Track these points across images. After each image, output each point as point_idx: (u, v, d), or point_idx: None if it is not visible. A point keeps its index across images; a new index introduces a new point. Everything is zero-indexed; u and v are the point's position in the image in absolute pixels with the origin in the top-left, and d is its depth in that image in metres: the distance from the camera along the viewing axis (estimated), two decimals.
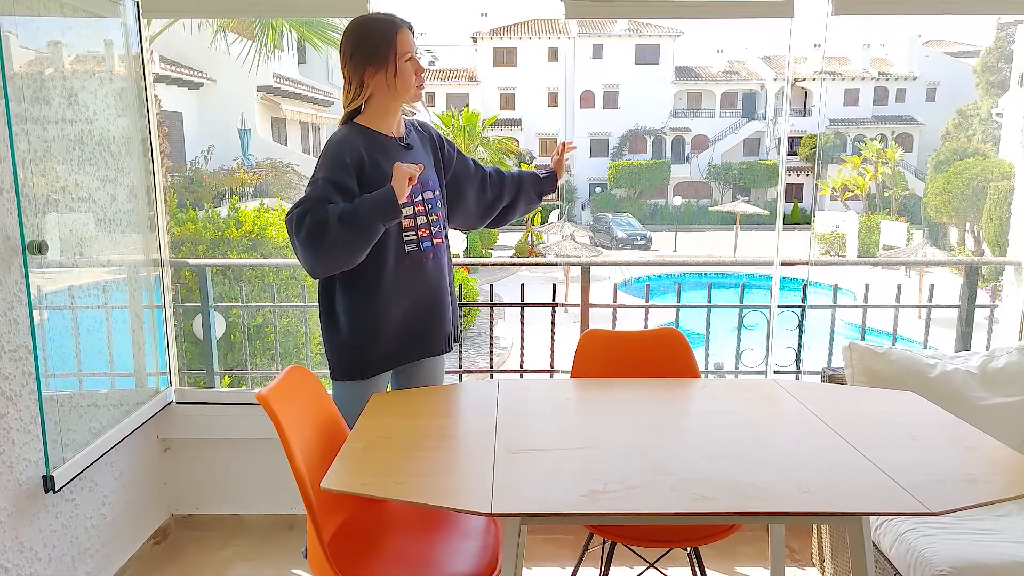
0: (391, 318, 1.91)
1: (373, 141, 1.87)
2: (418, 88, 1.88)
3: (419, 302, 1.95)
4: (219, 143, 12.85)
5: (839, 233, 22.52)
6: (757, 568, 2.43)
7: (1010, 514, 1.90)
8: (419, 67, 1.86)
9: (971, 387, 2.13)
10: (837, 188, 27.74)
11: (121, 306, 2.48)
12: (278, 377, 1.69)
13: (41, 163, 1.98)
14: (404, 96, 1.88)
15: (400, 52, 1.82)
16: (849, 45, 31.60)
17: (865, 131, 29.93)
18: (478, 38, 31.16)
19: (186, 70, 12.70)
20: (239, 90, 13.54)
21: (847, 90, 30.96)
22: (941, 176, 22.02)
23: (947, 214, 21.37)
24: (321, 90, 16.99)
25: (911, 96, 30.93)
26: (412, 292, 1.93)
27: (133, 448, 2.47)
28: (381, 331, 1.90)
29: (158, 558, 2.54)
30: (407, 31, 1.85)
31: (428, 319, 1.98)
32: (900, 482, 1.36)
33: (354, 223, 1.72)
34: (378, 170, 1.84)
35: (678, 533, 1.77)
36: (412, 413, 1.78)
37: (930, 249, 17.63)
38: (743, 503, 1.30)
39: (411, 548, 1.69)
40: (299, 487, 1.51)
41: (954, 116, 25.49)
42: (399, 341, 1.94)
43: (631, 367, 2.13)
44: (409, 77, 1.85)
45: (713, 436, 1.64)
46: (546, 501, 1.32)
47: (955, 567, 1.67)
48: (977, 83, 25.16)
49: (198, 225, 7.95)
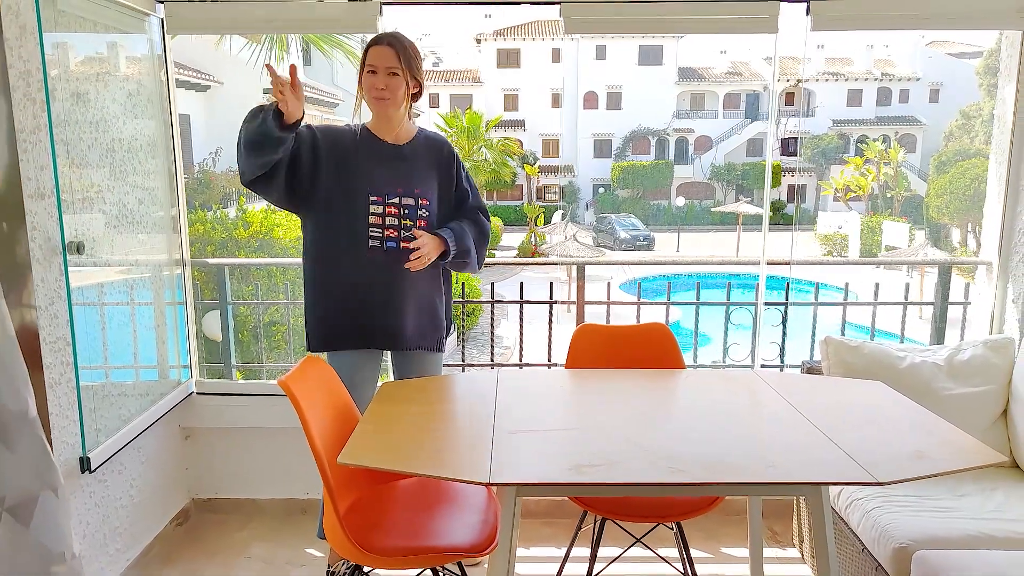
0: (340, 300, 2.17)
1: (362, 139, 2.16)
2: (376, 100, 2.10)
3: (369, 295, 2.16)
4: (226, 145, 13.04)
5: (841, 234, 22.64)
6: (739, 548, 2.59)
7: (969, 494, 2.06)
8: (380, 82, 2.08)
9: (938, 378, 2.28)
10: (840, 189, 27.85)
11: (146, 303, 2.65)
12: (296, 366, 1.86)
13: (78, 169, 2.16)
14: (371, 105, 2.13)
15: (367, 65, 2.09)
16: (853, 46, 31.69)
17: (868, 132, 30.03)
18: (481, 39, 31.35)
19: (194, 73, 12.89)
20: (246, 92, 13.72)
21: (850, 91, 31.06)
22: (943, 177, 22.11)
23: (949, 215, 21.47)
24: (326, 92, 17.17)
25: (914, 97, 31.01)
26: (366, 283, 2.16)
27: (157, 435, 2.64)
28: (330, 306, 2.18)
29: (180, 538, 2.71)
30: (382, 47, 2.08)
31: (383, 315, 2.18)
32: (856, 458, 1.52)
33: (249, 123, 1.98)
34: (343, 158, 2.12)
35: (662, 508, 1.93)
36: (418, 399, 1.95)
37: (931, 249, 17.72)
38: (713, 475, 1.46)
39: (417, 522, 1.85)
40: (317, 463, 1.68)
41: (957, 117, 25.56)
42: (352, 324, 2.18)
43: (621, 359, 2.30)
44: (368, 87, 2.10)
45: (693, 420, 1.80)
46: (538, 473, 1.49)
47: (914, 540, 1.83)
48: (980, 84, 25.23)
49: (207, 226, 8.15)
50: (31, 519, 0.70)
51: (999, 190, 2.67)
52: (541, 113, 31.36)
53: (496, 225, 22.55)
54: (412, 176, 2.18)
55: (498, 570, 1.59)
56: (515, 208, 28.70)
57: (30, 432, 0.70)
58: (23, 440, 0.69)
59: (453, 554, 1.71)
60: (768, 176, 3.20)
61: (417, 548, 1.72)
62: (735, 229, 24.65)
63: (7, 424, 0.67)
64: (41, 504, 0.71)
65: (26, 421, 0.70)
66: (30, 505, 0.70)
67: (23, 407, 0.70)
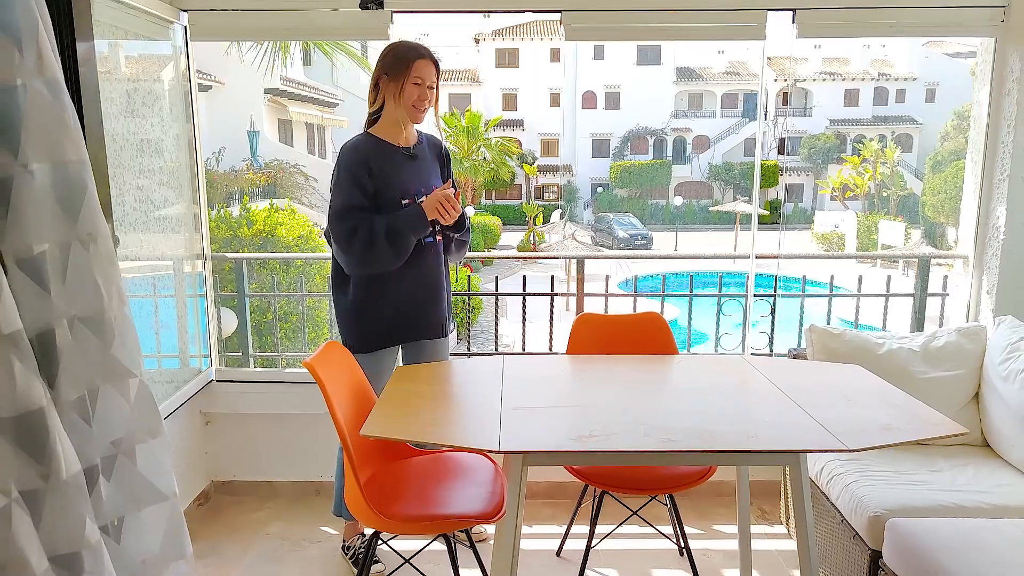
0: (392, 298, 2.29)
1: (380, 149, 2.26)
2: (414, 109, 2.23)
3: (419, 289, 2.32)
4: (229, 145, 13.19)
5: (838, 232, 22.83)
6: (729, 525, 2.74)
7: (942, 469, 2.22)
8: (424, 94, 2.22)
9: (914, 363, 2.44)
10: (836, 188, 28.03)
11: (168, 295, 2.81)
12: (318, 349, 2.01)
13: (112, 168, 2.31)
14: (403, 110, 2.24)
15: (411, 75, 2.20)
16: (850, 46, 31.86)
17: (865, 131, 30.21)
18: (480, 39, 31.50)
19: (196, 73, 13.03)
20: (248, 92, 13.87)
21: (847, 90, 31.24)
22: (938, 176, 22.30)
23: (944, 213, 21.65)
24: (326, 92, 17.32)
25: (911, 97, 31.19)
26: (414, 279, 2.30)
27: (180, 420, 2.80)
28: (383, 307, 2.28)
29: (202, 517, 2.86)
30: (428, 63, 2.22)
31: (425, 305, 2.35)
32: (830, 430, 1.68)
33: (395, 240, 2.16)
34: (380, 171, 2.23)
35: (657, 481, 2.09)
36: (430, 381, 2.10)
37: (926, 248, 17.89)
38: (702, 445, 1.62)
39: (430, 493, 2.01)
40: (340, 437, 1.83)
41: (951, 118, 25.73)
42: (398, 321, 2.31)
43: (618, 346, 2.45)
44: (411, 96, 2.21)
45: (685, 398, 1.96)
46: (542, 443, 1.64)
47: (888, 509, 1.99)
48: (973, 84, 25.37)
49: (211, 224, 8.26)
50: (138, 460, 0.87)
51: (975, 188, 2.83)
52: (540, 113, 31.52)
53: (495, 224, 22.71)
54: (427, 174, 2.35)
55: (507, 532, 1.74)
56: (514, 207, 28.87)
57: (142, 388, 0.86)
58: (136, 393, 0.85)
59: (464, 520, 1.87)
60: (757, 175, 3.36)
61: (431, 516, 1.87)
62: (733, 228, 24.83)
63: (123, 380, 0.83)
64: (148, 448, 0.88)
65: (136, 378, 0.86)
66: (138, 449, 0.86)
67: (135, 368, 0.86)
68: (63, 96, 0.78)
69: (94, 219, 0.79)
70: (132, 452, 0.86)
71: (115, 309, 0.82)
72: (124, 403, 0.83)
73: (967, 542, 1.79)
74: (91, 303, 0.79)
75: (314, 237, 9.73)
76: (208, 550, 2.63)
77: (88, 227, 0.79)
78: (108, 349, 0.81)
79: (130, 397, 0.84)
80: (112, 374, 0.82)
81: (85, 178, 0.79)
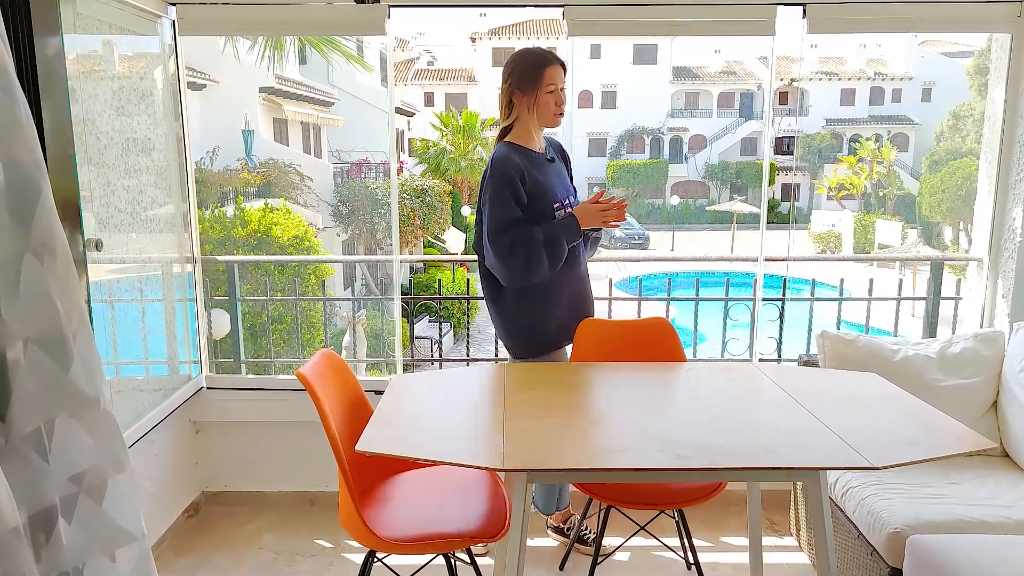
0: (561, 299, 2.30)
1: (526, 156, 2.26)
2: (556, 115, 2.25)
3: (580, 287, 2.36)
4: (223, 144, 13.06)
5: (835, 232, 22.79)
6: (739, 537, 2.66)
7: (961, 482, 2.14)
8: (560, 99, 2.23)
9: (930, 370, 2.36)
10: (833, 187, 28.00)
11: (156, 299, 2.71)
12: (312, 359, 1.92)
13: (95, 168, 2.21)
14: (542, 120, 2.26)
15: (544, 84, 2.20)
16: (846, 46, 31.84)
17: (861, 131, 30.18)
18: (477, 38, 31.38)
19: (190, 71, 12.90)
20: (242, 91, 13.74)
21: (844, 90, 31.21)
22: (935, 176, 22.27)
23: (941, 213, 21.63)
24: (321, 91, 17.18)
25: (907, 96, 31.18)
26: (569, 280, 2.32)
27: (169, 429, 2.70)
28: (553, 309, 2.29)
29: (191, 530, 2.76)
30: (558, 67, 2.21)
31: (586, 302, 2.39)
32: (851, 444, 1.59)
33: (554, 249, 2.17)
34: (532, 179, 2.23)
35: (666, 496, 2.00)
36: (431, 391, 2.01)
37: (923, 247, 17.86)
38: (717, 462, 1.53)
39: (428, 511, 1.91)
40: (334, 452, 1.73)
41: (947, 118, 25.72)
42: (569, 322, 2.32)
43: (624, 352, 2.36)
44: (548, 105, 2.23)
45: (695, 409, 1.87)
46: (548, 460, 1.55)
47: (908, 525, 1.90)
48: (971, 84, 25.39)
49: (204, 224, 8.17)
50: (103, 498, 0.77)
51: (990, 188, 2.75)
52: None
53: None
54: (564, 177, 2.37)
55: (511, 551, 1.65)
56: None
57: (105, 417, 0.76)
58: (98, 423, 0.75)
59: (465, 540, 1.77)
60: (765, 175, 3.27)
61: (430, 536, 1.78)
62: (730, 228, 24.77)
63: (84, 409, 0.73)
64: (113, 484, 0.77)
65: (98, 406, 0.76)
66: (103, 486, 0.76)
67: (97, 394, 0.76)
68: (14, 90, 0.69)
69: (50, 227, 0.70)
70: (95, 489, 0.76)
71: (74, 328, 0.72)
72: (85, 435, 0.73)
73: (993, 559, 1.70)
74: (47, 322, 0.69)
75: (309, 237, 9.62)
76: (198, 564, 2.54)
77: (43, 237, 0.69)
78: (66, 374, 0.71)
79: (92, 428, 0.74)
80: (72, 402, 0.72)
81: (40, 182, 0.70)
